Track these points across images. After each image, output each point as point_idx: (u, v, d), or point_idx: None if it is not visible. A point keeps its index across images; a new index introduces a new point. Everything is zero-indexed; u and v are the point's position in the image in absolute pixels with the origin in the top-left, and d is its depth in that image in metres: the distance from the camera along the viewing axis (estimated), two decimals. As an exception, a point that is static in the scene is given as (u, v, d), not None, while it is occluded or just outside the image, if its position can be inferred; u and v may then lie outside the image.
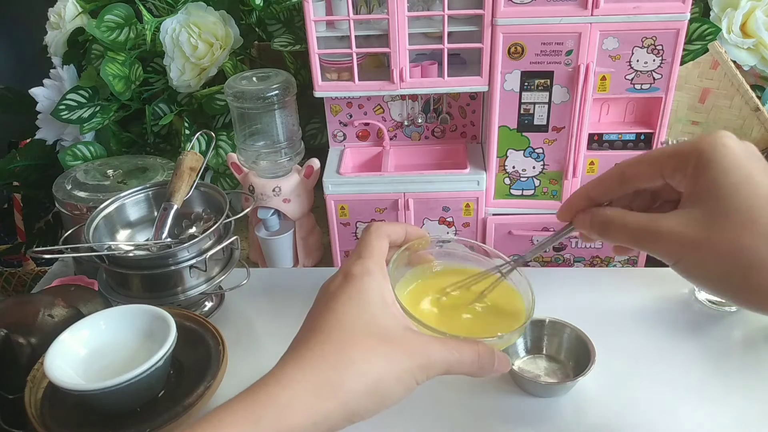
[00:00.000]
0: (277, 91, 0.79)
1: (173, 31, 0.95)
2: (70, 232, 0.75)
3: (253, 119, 0.81)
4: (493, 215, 0.83)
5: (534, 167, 0.79)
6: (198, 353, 0.61)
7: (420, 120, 0.87)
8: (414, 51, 0.76)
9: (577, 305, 0.71)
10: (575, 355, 0.64)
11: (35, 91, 1.07)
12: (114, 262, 0.69)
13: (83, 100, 1.01)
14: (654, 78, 0.73)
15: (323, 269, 0.89)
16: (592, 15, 0.69)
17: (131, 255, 0.70)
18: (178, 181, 0.73)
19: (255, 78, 0.81)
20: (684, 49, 0.76)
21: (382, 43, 0.75)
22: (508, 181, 0.81)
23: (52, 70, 1.07)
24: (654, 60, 0.71)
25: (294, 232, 0.86)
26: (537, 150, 0.78)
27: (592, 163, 0.78)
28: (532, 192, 0.81)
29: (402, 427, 0.60)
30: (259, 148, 0.82)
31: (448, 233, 0.83)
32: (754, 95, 0.81)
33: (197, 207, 0.77)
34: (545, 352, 0.66)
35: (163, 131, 1.04)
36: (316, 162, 0.84)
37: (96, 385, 0.51)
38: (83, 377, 0.54)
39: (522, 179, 0.80)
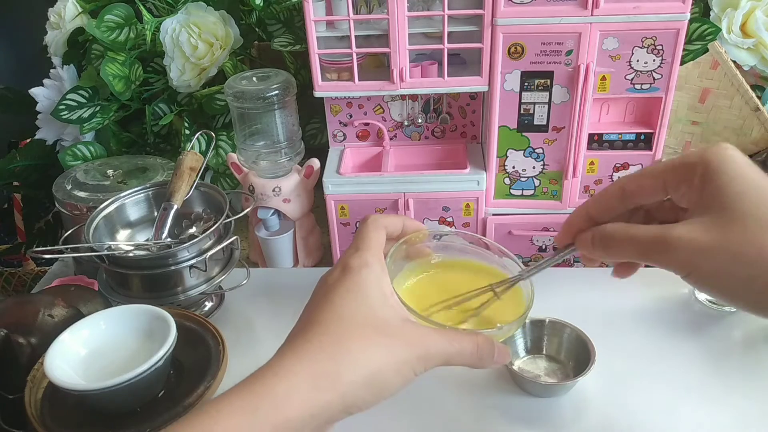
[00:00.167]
0: (277, 91, 0.79)
1: (173, 31, 0.95)
2: (70, 232, 0.75)
3: (253, 119, 0.81)
4: (493, 215, 0.83)
5: (534, 167, 0.79)
6: (198, 353, 0.61)
7: (420, 120, 0.87)
8: (414, 51, 0.76)
9: (577, 305, 0.71)
10: (575, 355, 0.64)
11: (35, 91, 1.07)
12: (114, 262, 0.69)
13: (83, 100, 1.01)
14: (654, 78, 0.73)
15: (323, 269, 0.87)
16: (592, 15, 0.69)
17: (131, 255, 0.71)
18: (178, 181, 0.73)
19: (255, 78, 0.81)
20: (684, 49, 0.76)
21: (382, 43, 0.75)
22: (508, 181, 0.81)
23: (52, 70, 1.07)
24: (654, 60, 0.71)
25: (294, 232, 0.86)
26: (537, 150, 0.78)
27: (592, 163, 0.78)
28: (532, 192, 0.81)
29: (402, 427, 0.60)
30: (259, 148, 0.82)
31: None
32: (754, 95, 0.81)
33: (197, 207, 0.77)
34: (545, 352, 0.66)
35: (163, 131, 1.04)
36: (316, 162, 0.84)
37: (96, 385, 0.51)
38: (83, 377, 0.54)
39: (522, 179, 0.80)
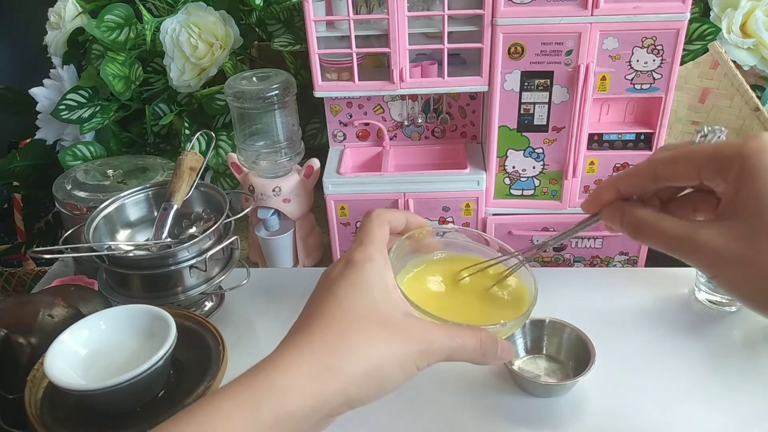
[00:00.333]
0: (277, 91, 0.79)
1: (173, 31, 0.95)
2: (70, 232, 0.75)
3: (253, 119, 0.81)
4: (493, 215, 0.83)
5: (534, 167, 0.79)
6: (198, 353, 0.61)
7: (420, 120, 0.87)
8: (414, 51, 0.76)
9: (577, 305, 0.71)
10: (575, 355, 0.64)
11: (35, 91, 1.07)
12: (114, 262, 0.69)
13: (83, 100, 1.01)
14: (654, 78, 0.73)
15: (323, 269, 0.88)
16: (592, 15, 0.69)
17: (131, 255, 0.70)
18: (178, 181, 0.73)
19: (255, 78, 0.81)
20: (684, 49, 0.76)
21: (382, 43, 0.75)
22: (508, 181, 0.81)
23: (52, 70, 1.07)
24: (654, 60, 0.71)
25: (294, 232, 0.86)
26: (537, 150, 0.78)
27: (592, 163, 0.78)
28: (532, 192, 0.81)
29: (402, 427, 0.60)
30: (259, 148, 0.82)
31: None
32: (754, 95, 0.81)
33: (197, 207, 0.77)
34: (545, 352, 0.66)
35: (163, 131, 1.04)
36: (316, 162, 0.84)
37: (96, 385, 0.51)
38: (83, 377, 0.54)
39: (522, 179, 0.80)
